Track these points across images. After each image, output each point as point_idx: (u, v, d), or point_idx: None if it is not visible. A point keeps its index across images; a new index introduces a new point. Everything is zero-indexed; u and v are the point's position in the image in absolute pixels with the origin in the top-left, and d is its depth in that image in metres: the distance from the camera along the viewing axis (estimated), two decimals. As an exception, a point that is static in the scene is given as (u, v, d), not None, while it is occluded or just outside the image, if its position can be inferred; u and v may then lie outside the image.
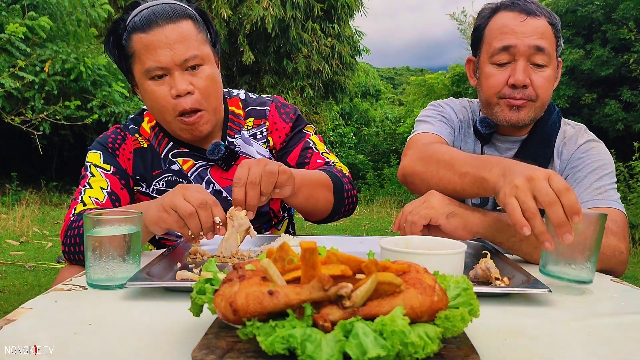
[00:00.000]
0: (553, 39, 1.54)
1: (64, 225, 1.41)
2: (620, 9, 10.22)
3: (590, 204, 1.47)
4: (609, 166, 1.57)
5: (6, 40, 6.74)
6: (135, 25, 1.44)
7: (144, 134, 1.62)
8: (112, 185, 1.51)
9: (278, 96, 1.73)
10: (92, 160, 1.56)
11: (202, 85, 1.46)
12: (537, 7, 1.54)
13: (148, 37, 1.42)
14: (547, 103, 1.59)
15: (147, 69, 1.43)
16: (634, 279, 4.85)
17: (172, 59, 1.42)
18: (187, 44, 1.43)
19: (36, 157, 11.53)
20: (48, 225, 6.91)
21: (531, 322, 0.87)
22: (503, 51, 1.53)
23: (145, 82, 1.46)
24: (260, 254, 1.23)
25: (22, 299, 3.54)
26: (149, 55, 1.42)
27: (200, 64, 1.46)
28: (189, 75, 1.45)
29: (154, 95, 1.46)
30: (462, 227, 1.25)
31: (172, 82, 1.44)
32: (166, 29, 1.42)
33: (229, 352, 0.64)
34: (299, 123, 1.68)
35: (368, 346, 0.57)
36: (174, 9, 1.45)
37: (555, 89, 1.62)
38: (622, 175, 7.44)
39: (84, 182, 1.52)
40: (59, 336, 0.78)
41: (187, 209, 1.14)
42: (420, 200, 1.30)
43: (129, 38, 1.45)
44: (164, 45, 1.41)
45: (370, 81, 23.73)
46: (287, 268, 0.68)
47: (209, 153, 1.56)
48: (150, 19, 1.42)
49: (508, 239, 1.27)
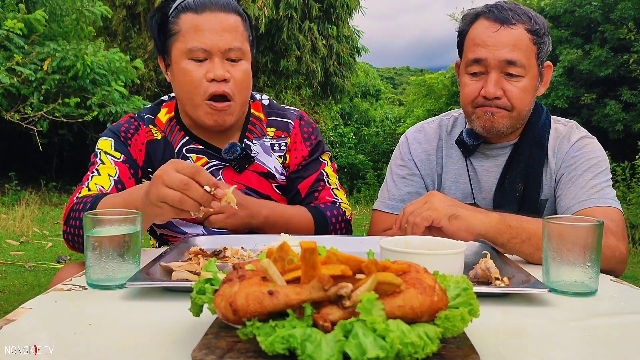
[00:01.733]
0: (531, 46, 1.51)
1: (66, 208, 1.41)
2: (619, 9, 10.23)
3: (587, 203, 1.47)
4: (604, 163, 1.56)
5: (4, 36, 6.74)
6: (188, 5, 1.48)
7: (159, 125, 1.62)
8: (121, 174, 1.51)
9: (302, 112, 1.74)
10: (102, 147, 1.55)
11: (238, 76, 1.49)
12: (514, 14, 1.51)
13: (199, 18, 1.46)
14: (525, 112, 1.57)
15: (190, 48, 1.46)
16: (634, 279, 4.85)
17: (217, 44, 1.45)
18: (233, 35, 1.48)
19: (36, 157, 11.54)
20: (48, 225, 6.91)
21: (531, 322, 0.87)
22: (475, 63, 1.53)
23: (184, 60, 1.48)
24: (260, 254, 1.23)
25: (22, 299, 3.54)
26: (195, 36, 1.46)
27: (240, 58, 1.50)
28: (228, 64, 1.48)
29: (189, 76, 1.47)
30: (464, 229, 1.24)
31: (210, 66, 1.47)
32: (218, 16, 1.47)
33: (229, 352, 0.64)
34: (317, 149, 1.68)
35: (367, 347, 0.57)
36: (228, 2, 1.51)
37: (554, 89, 1.62)
38: (623, 175, 7.44)
39: (92, 168, 1.51)
40: (59, 336, 0.78)
41: (175, 197, 1.09)
42: (422, 201, 1.29)
43: (177, 16, 1.49)
44: (212, 30, 1.45)
45: (370, 81, 23.75)
46: (287, 268, 0.68)
47: (224, 152, 1.56)
48: (205, 3, 1.47)
49: (509, 241, 1.27)
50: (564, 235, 1.02)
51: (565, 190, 1.54)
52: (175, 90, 1.56)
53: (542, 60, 1.57)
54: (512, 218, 1.28)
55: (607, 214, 1.41)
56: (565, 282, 1.02)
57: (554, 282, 1.03)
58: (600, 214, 1.38)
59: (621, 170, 7.43)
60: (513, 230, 1.26)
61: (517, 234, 1.26)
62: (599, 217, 1.14)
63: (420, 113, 15.07)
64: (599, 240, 1.02)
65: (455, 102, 12.81)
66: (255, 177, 1.62)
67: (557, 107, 10.49)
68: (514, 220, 1.27)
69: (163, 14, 1.52)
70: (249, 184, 1.62)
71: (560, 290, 1.01)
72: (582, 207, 1.47)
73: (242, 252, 1.26)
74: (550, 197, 1.61)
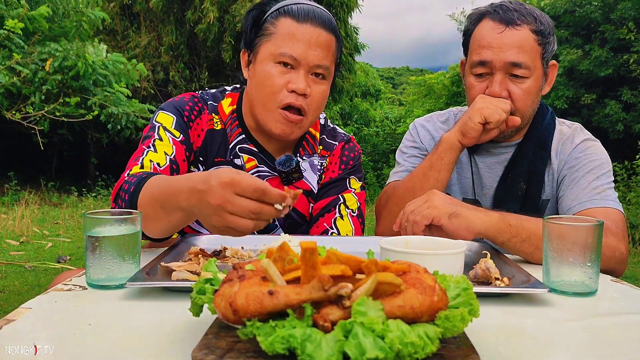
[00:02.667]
0: (536, 47, 1.52)
1: (116, 186, 1.32)
2: (619, 9, 10.23)
3: (588, 204, 1.47)
4: (606, 165, 1.57)
5: (5, 36, 6.74)
6: (291, 11, 1.46)
7: (222, 115, 1.58)
8: (177, 154, 1.46)
9: (352, 137, 1.72)
10: (162, 122, 1.50)
11: (317, 95, 1.47)
12: (519, 15, 1.51)
13: (298, 26, 1.44)
14: (528, 114, 1.58)
15: (280, 53, 1.43)
16: (634, 279, 4.86)
17: (308, 57, 1.43)
18: (325, 53, 1.46)
19: (36, 157, 11.54)
20: (48, 225, 6.91)
21: (531, 322, 0.87)
22: (480, 65, 1.54)
23: (269, 63, 1.45)
24: (260, 254, 1.23)
25: (22, 299, 3.54)
26: (289, 42, 1.43)
27: (325, 77, 1.49)
28: (311, 79, 1.46)
29: (270, 79, 1.44)
30: (464, 228, 1.24)
31: (294, 77, 1.44)
32: (317, 31, 1.45)
33: (229, 352, 0.64)
34: (349, 174, 1.63)
35: (367, 347, 0.57)
36: (330, 19, 1.49)
37: (554, 89, 1.63)
38: (622, 175, 7.44)
39: (148, 142, 1.46)
40: (59, 336, 0.78)
41: (248, 226, 0.98)
42: (422, 200, 1.30)
43: (276, 18, 1.46)
44: (308, 42, 1.43)
45: (370, 81, 23.73)
46: (287, 268, 0.68)
47: (279, 163, 1.53)
48: (309, 14, 1.45)
49: (509, 240, 1.27)
50: (564, 235, 1.02)
51: (567, 191, 1.55)
52: (251, 90, 1.51)
53: (547, 60, 1.57)
54: (512, 217, 1.28)
55: (608, 215, 1.41)
56: (565, 282, 1.02)
57: (554, 282, 1.03)
58: (600, 215, 1.38)
59: (620, 170, 7.43)
60: (513, 229, 1.26)
61: (517, 233, 1.26)
62: (599, 217, 1.14)
63: (420, 113, 15.06)
64: (599, 240, 1.02)
65: (455, 102, 12.81)
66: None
67: (557, 107, 10.49)
68: (514, 220, 1.27)
69: (261, 11, 1.50)
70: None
71: (560, 290, 1.02)
72: (583, 207, 1.47)
73: (242, 252, 1.26)
74: (552, 197, 1.62)
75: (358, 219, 1.59)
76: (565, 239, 1.02)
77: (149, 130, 1.49)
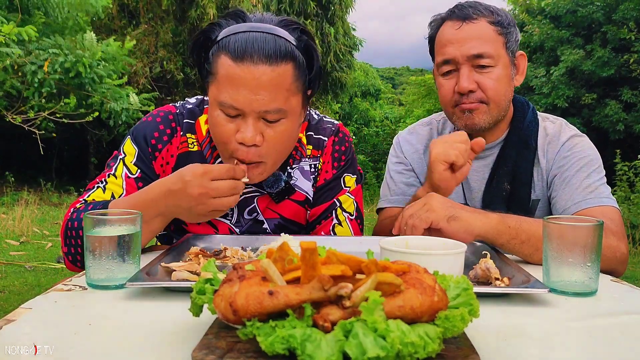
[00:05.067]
0: (496, 37, 1.52)
1: (62, 227, 1.34)
2: (621, 10, 10.22)
3: (583, 204, 1.46)
4: (596, 161, 1.56)
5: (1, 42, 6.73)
6: (227, 47, 1.25)
7: (199, 134, 1.46)
8: (127, 194, 1.39)
9: (341, 125, 1.59)
10: (126, 152, 1.44)
11: (272, 139, 1.30)
12: (474, 10, 1.53)
13: (235, 68, 1.23)
14: (503, 103, 1.56)
15: (220, 102, 1.27)
16: (634, 279, 4.86)
17: (251, 105, 1.24)
18: (275, 94, 1.25)
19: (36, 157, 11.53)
20: (48, 225, 6.91)
21: (531, 322, 0.87)
22: (446, 63, 1.55)
23: (215, 109, 1.30)
24: (260, 254, 1.24)
25: (22, 299, 3.54)
26: (228, 89, 1.25)
27: (279, 118, 1.29)
28: (263, 124, 1.28)
29: (218, 127, 1.30)
30: (463, 231, 1.24)
31: (242, 125, 1.27)
32: (259, 70, 1.23)
33: (229, 352, 0.64)
34: (342, 172, 1.55)
35: (367, 346, 0.57)
36: (277, 48, 1.24)
37: (554, 88, 1.62)
38: (629, 174, 7.43)
39: (106, 173, 1.42)
40: (59, 336, 0.78)
41: (231, 202, 1.22)
42: (421, 203, 1.30)
43: (217, 54, 1.28)
44: (249, 87, 1.23)
45: (370, 81, 23.74)
46: (287, 268, 0.68)
47: (267, 185, 1.46)
48: (246, 50, 1.23)
49: (509, 242, 1.27)
50: (564, 235, 1.02)
51: (559, 192, 1.54)
52: (210, 129, 1.40)
53: (512, 50, 1.57)
54: (511, 219, 1.28)
55: (605, 214, 1.41)
56: (565, 282, 1.02)
57: (554, 282, 1.03)
58: (598, 214, 1.38)
59: (628, 170, 7.42)
60: (512, 231, 1.26)
61: (516, 234, 1.26)
62: (597, 217, 1.14)
63: (420, 113, 15.06)
64: (599, 240, 1.02)
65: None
66: (292, 206, 1.52)
67: (558, 106, 10.49)
68: (514, 221, 1.27)
69: (206, 39, 1.32)
70: (285, 214, 1.52)
71: (560, 290, 1.01)
72: (579, 208, 1.46)
73: (242, 252, 1.26)
74: (543, 197, 1.61)
75: (356, 220, 1.55)
76: (565, 239, 1.02)
77: (113, 157, 1.46)
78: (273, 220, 1.53)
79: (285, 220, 1.53)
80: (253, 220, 1.52)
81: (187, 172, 1.20)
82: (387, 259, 0.72)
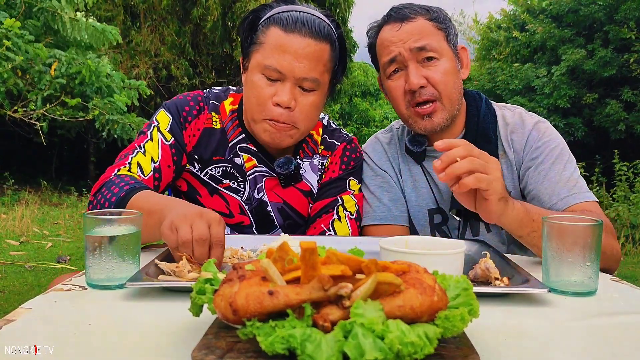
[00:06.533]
0: (436, 31, 1.53)
1: (100, 179, 1.38)
2: (622, 10, 10.21)
3: (570, 199, 1.45)
4: (566, 149, 1.54)
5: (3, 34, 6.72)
6: (280, 20, 1.42)
7: (222, 114, 1.59)
8: (162, 160, 1.48)
9: (355, 138, 1.70)
10: (159, 121, 1.54)
11: (304, 107, 1.44)
12: (410, 10, 1.54)
13: (285, 37, 1.40)
14: (455, 96, 1.54)
15: (266, 65, 1.41)
16: (634, 279, 4.85)
17: (293, 70, 1.40)
18: (314, 64, 1.42)
19: (35, 157, 11.55)
20: (48, 225, 6.91)
21: (531, 322, 0.87)
22: (391, 63, 1.54)
23: (257, 74, 1.44)
24: (260, 254, 1.23)
25: (22, 299, 3.54)
26: (275, 54, 1.40)
27: (313, 89, 1.45)
28: (298, 92, 1.43)
29: (256, 91, 1.44)
30: (500, 213, 1.22)
31: (280, 89, 1.42)
32: (305, 41, 1.40)
33: (229, 352, 0.64)
34: (349, 174, 1.62)
35: (366, 348, 0.57)
36: (321, 27, 1.44)
37: (556, 88, 1.62)
38: (628, 175, 7.43)
39: (142, 139, 1.50)
40: (59, 336, 0.78)
41: (184, 237, 1.06)
42: (492, 161, 1.21)
43: (267, 26, 1.44)
44: (294, 54, 1.39)
45: (370, 80, 23.73)
46: (287, 268, 0.68)
47: (278, 165, 1.54)
48: (297, 23, 1.41)
49: (529, 234, 1.27)
50: (563, 234, 1.02)
51: (538, 185, 1.51)
52: (244, 96, 1.53)
53: (454, 43, 1.57)
54: (534, 212, 1.28)
55: (592, 211, 1.41)
56: (565, 282, 1.02)
57: (553, 282, 1.03)
58: (588, 212, 1.38)
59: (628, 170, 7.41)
60: (535, 224, 1.26)
61: (538, 227, 1.25)
62: (588, 214, 1.14)
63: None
64: (599, 239, 1.02)
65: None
66: (297, 194, 1.61)
67: (560, 106, 10.49)
68: (537, 215, 1.27)
69: (255, 17, 1.49)
70: (289, 200, 1.60)
71: (560, 290, 1.02)
72: (567, 204, 1.44)
73: (242, 252, 1.26)
74: (515, 189, 1.57)
75: (356, 221, 1.59)
76: (565, 238, 1.02)
77: (147, 126, 1.55)
78: (276, 204, 1.59)
79: (287, 206, 1.60)
80: (259, 200, 1.58)
81: (208, 210, 1.15)
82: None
